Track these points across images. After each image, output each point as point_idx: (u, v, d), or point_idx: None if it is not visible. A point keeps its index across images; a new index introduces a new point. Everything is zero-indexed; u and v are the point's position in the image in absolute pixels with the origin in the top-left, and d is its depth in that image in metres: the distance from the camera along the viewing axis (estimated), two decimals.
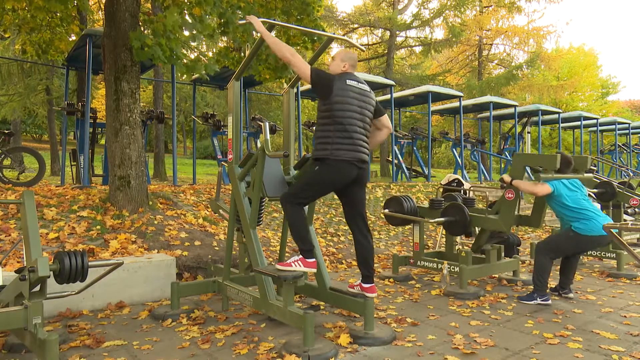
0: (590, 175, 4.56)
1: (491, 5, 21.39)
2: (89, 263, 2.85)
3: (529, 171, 8.63)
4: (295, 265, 3.21)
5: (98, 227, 5.01)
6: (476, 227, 4.96)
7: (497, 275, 5.26)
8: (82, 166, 7.69)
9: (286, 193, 3.37)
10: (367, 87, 3.37)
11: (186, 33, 5.57)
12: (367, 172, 3.40)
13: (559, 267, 4.55)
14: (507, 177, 4.48)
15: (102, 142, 9.04)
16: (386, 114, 3.61)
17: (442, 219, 4.92)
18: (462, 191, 6.10)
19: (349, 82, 3.25)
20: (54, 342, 2.55)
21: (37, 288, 2.80)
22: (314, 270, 3.29)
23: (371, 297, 3.36)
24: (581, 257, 6.27)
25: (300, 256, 3.26)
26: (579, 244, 4.20)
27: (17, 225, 4.83)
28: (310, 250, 3.28)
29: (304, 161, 3.65)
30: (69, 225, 4.95)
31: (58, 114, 15.13)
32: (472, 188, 6.58)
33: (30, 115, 21.40)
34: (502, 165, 15.45)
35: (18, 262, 4.17)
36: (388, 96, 11.96)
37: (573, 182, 4.34)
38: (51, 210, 5.16)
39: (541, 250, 4.30)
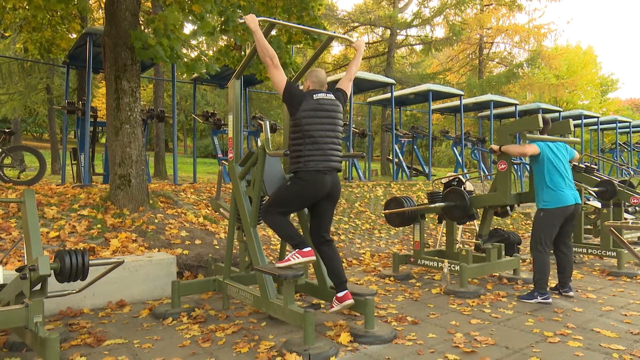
0: (578, 140, 4.62)
1: (492, 4, 21.35)
2: (90, 262, 2.86)
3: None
4: (294, 259, 3.24)
5: (99, 225, 5.02)
6: (478, 210, 4.98)
7: (497, 274, 5.26)
8: (82, 165, 7.70)
9: (264, 208, 3.44)
10: (333, 96, 3.43)
11: (187, 31, 5.57)
12: (339, 185, 3.45)
13: (556, 266, 4.55)
14: (495, 147, 4.62)
15: (103, 140, 9.04)
16: (347, 73, 3.72)
17: (442, 204, 4.94)
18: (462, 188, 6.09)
19: (316, 95, 3.33)
20: (55, 340, 2.55)
21: (38, 287, 2.81)
22: (313, 258, 3.28)
23: (351, 303, 3.30)
24: (582, 256, 6.27)
25: (296, 250, 3.28)
26: (553, 219, 4.24)
27: (18, 224, 4.83)
28: (301, 241, 3.30)
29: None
30: (69, 224, 4.95)
31: (58, 112, 15.15)
32: (468, 180, 6.59)
33: (31, 114, 21.41)
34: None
35: (19, 260, 4.18)
36: (388, 95, 11.95)
37: (557, 145, 4.41)
38: (52, 209, 5.16)
39: (533, 248, 4.35)
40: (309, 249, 3.28)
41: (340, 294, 3.32)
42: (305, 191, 3.29)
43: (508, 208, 5.19)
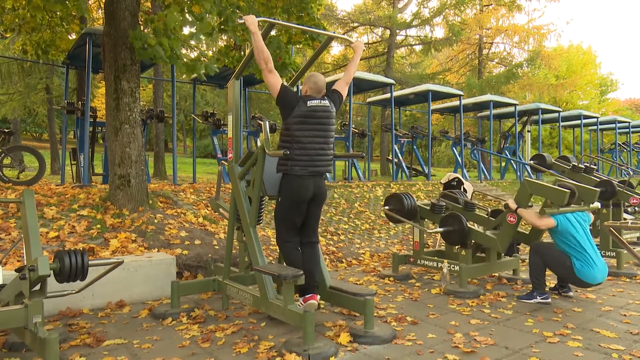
0: (597, 205, 4.51)
1: (491, 4, 21.37)
2: (89, 262, 2.86)
3: (529, 170, 8.58)
4: (300, 306, 3.28)
5: (98, 226, 5.01)
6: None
7: (497, 274, 5.26)
8: (82, 165, 7.69)
9: (277, 242, 3.57)
10: (328, 102, 3.45)
11: (186, 32, 5.57)
12: (325, 189, 3.51)
13: None
14: (512, 204, 4.45)
15: (101, 140, 9.05)
16: (345, 74, 3.74)
17: (440, 229, 4.93)
18: (462, 189, 6.09)
19: (310, 103, 3.35)
20: (54, 340, 2.55)
21: (38, 287, 2.80)
22: (313, 303, 3.28)
23: (314, 304, 3.28)
24: None
25: (301, 297, 3.34)
26: (568, 276, 4.17)
27: (17, 224, 4.83)
28: (304, 289, 3.33)
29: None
30: (69, 224, 4.95)
31: (58, 112, 15.12)
32: (475, 191, 6.56)
33: (30, 114, 21.41)
34: (502, 164, 15.45)
35: (18, 261, 4.18)
36: (388, 95, 11.95)
37: (577, 215, 4.25)
38: (51, 209, 5.16)
39: (536, 252, 4.30)
40: (311, 294, 3.32)
41: (307, 295, 3.33)
42: (293, 197, 3.37)
43: None
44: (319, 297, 3.42)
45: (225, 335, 3.34)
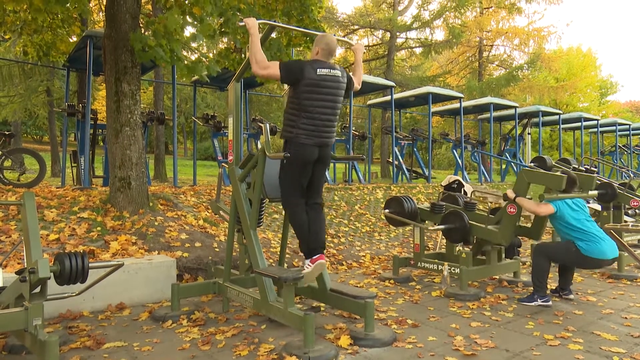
0: (595, 192, 4.52)
1: (491, 7, 21.42)
2: (90, 264, 2.85)
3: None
4: (307, 268, 3.29)
5: (98, 228, 5.01)
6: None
7: (497, 277, 5.25)
8: (82, 167, 7.70)
9: (283, 205, 3.55)
10: (339, 72, 3.41)
11: (187, 34, 5.58)
12: (330, 152, 3.53)
13: (557, 268, 4.54)
14: (510, 193, 4.45)
15: (102, 143, 9.06)
16: (355, 77, 3.72)
17: (441, 227, 4.92)
18: (462, 191, 6.09)
19: (320, 71, 3.30)
20: (54, 343, 2.55)
21: (38, 289, 2.80)
22: (322, 262, 3.29)
23: (323, 263, 3.29)
24: None
25: (307, 259, 3.33)
26: (578, 260, 4.16)
27: (18, 227, 4.83)
28: (308, 251, 3.34)
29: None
30: (69, 227, 4.95)
31: (59, 115, 15.15)
32: (474, 191, 6.57)
33: (31, 117, 21.45)
34: (503, 167, 15.44)
35: (18, 263, 4.18)
36: (388, 97, 11.96)
37: (576, 201, 4.28)
38: (52, 212, 5.16)
39: (539, 253, 4.29)
40: (318, 255, 3.31)
41: (315, 257, 3.30)
42: (297, 161, 3.33)
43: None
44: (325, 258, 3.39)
45: (226, 337, 3.33)
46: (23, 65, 13.25)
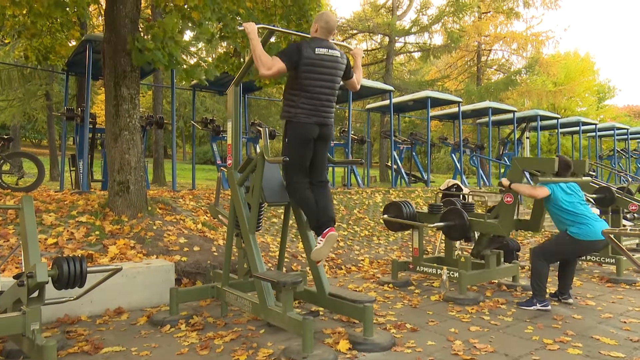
0: (588, 178, 4.58)
1: (490, 12, 21.52)
2: (88, 269, 2.85)
3: (528, 177, 8.63)
4: (319, 244, 3.30)
5: (97, 232, 5.00)
6: (475, 232, 4.96)
7: (496, 281, 5.25)
8: (81, 171, 7.69)
9: (287, 187, 3.57)
10: (338, 53, 3.42)
11: (186, 38, 5.60)
12: (331, 131, 3.54)
13: (557, 272, 4.54)
14: (505, 181, 4.52)
15: (100, 147, 9.05)
16: (355, 77, 3.72)
17: (441, 224, 4.92)
18: (461, 196, 6.10)
19: (318, 50, 3.31)
20: (52, 348, 2.54)
21: (36, 294, 2.79)
22: (334, 233, 3.28)
23: (334, 235, 3.28)
24: (580, 263, 6.27)
25: (319, 235, 3.35)
26: (574, 248, 4.19)
27: (16, 231, 4.82)
28: (318, 226, 3.36)
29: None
30: (67, 231, 4.94)
31: (57, 119, 15.14)
32: (471, 193, 6.59)
33: (30, 121, 21.43)
34: (502, 171, 15.46)
35: (16, 267, 4.16)
36: (387, 101, 11.99)
37: (570, 185, 4.34)
38: (50, 216, 5.15)
39: (536, 255, 4.30)
40: (328, 228, 3.30)
41: (325, 230, 3.29)
42: (298, 139, 3.36)
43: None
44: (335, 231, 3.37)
45: (224, 342, 3.32)
46: (22, 69, 13.25)
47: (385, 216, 5.36)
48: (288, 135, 3.41)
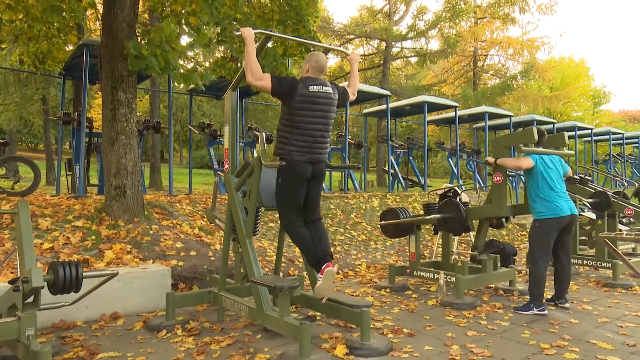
0: (572, 152, 4.65)
1: (486, 17, 21.63)
2: (84, 273, 2.83)
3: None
4: (319, 280, 3.25)
5: (93, 237, 4.98)
6: (473, 222, 5.00)
7: (493, 285, 5.25)
8: (77, 176, 7.66)
9: (281, 224, 3.56)
10: (330, 89, 3.44)
11: (183, 43, 5.61)
12: (324, 168, 3.54)
13: (553, 277, 4.55)
14: (490, 159, 4.63)
15: (95, 151, 9.02)
16: (350, 89, 3.73)
17: (438, 216, 4.95)
18: (458, 199, 6.10)
19: (312, 88, 3.33)
20: (47, 353, 2.52)
21: (31, 299, 2.77)
22: (332, 269, 3.25)
23: (332, 271, 3.22)
24: (577, 267, 6.28)
25: (317, 272, 3.30)
26: (548, 229, 4.26)
27: (11, 236, 4.79)
28: (316, 262, 3.32)
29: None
30: (63, 235, 4.92)
31: (54, 123, 15.11)
32: (464, 191, 6.61)
33: (26, 125, 21.38)
34: None
35: (12, 272, 4.14)
36: (384, 106, 12.02)
37: (552, 158, 4.45)
38: (46, 220, 5.13)
39: (530, 259, 4.36)
40: (326, 263, 3.26)
41: (323, 266, 3.26)
42: (292, 178, 3.35)
43: (503, 220, 5.20)
44: (335, 266, 3.34)
45: (221, 347, 3.31)
46: (19, 73, 13.23)
47: (382, 222, 5.36)
48: (282, 173, 3.39)
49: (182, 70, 5.80)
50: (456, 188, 5.67)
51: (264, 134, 3.79)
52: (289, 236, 3.51)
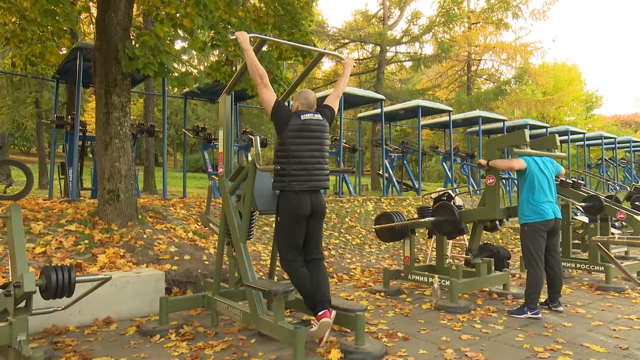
0: (565, 154, 4.68)
1: (479, 22, 21.78)
2: (76, 278, 2.81)
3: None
4: (314, 327, 3.21)
5: (86, 241, 4.95)
6: (467, 225, 5.02)
7: (487, 289, 5.27)
8: (70, 179, 7.62)
9: (281, 263, 3.46)
10: (321, 117, 3.47)
11: (177, 47, 5.61)
12: (324, 204, 3.48)
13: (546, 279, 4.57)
14: (483, 161, 4.66)
15: (90, 155, 8.97)
16: (334, 92, 3.78)
17: (432, 219, 4.96)
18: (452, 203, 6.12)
19: (304, 116, 3.37)
20: (39, 359, 2.50)
21: (23, 304, 2.75)
22: (328, 320, 3.17)
23: (328, 322, 3.17)
24: (570, 271, 6.31)
25: (315, 316, 3.23)
26: (537, 232, 4.29)
27: (3, 240, 4.75)
28: (312, 306, 3.28)
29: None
30: (56, 240, 4.88)
31: (47, 126, 15.02)
32: (458, 194, 6.63)
33: (19, 128, 21.23)
34: None
35: (3, 277, 4.10)
36: (378, 110, 12.05)
37: (544, 160, 4.49)
38: (38, 224, 5.09)
39: (527, 264, 4.37)
40: (323, 311, 3.20)
41: (320, 313, 3.20)
42: (292, 214, 3.31)
43: (497, 222, 5.23)
44: (333, 312, 3.26)
45: (215, 352, 3.29)
46: (11, 76, 13.15)
47: (377, 226, 5.37)
48: (281, 210, 3.36)
49: (176, 74, 5.79)
50: (450, 192, 5.69)
51: (258, 137, 3.79)
52: (287, 276, 3.43)
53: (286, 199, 3.33)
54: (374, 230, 5.94)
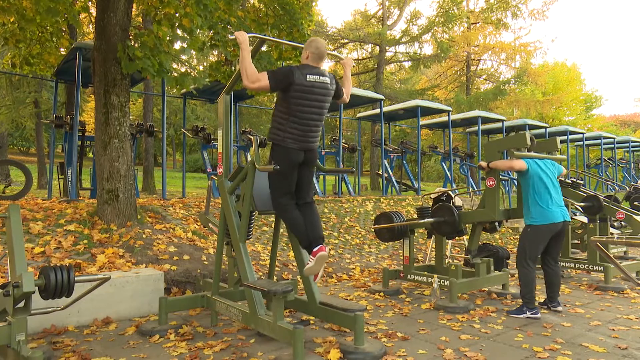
0: (564, 157, 4.68)
1: (478, 22, 21.80)
2: (75, 278, 2.81)
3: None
4: (311, 262, 3.31)
5: (85, 241, 4.94)
6: (467, 225, 5.01)
7: (486, 289, 5.27)
8: (69, 179, 7.62)
9: (273, 205, 3.57)
10: (328, 79, 3.46)
11: (177, 47, 5.61)
12: (316, 155, 3.56)
13: (544, 280, 4.58)
14: (483, 163, 4.64)
15: (90, 155, 8.97)
16: (344, 91, 3.77)
17: (431, 220, 4.96)
18: (451, 203, 6.12)
19: (309, 77, 3.34)
20: (38, 359, 2.49)
21: (22, 304, 2.75)
22: (324, 253, 3.28)
23: (324, 255, 3.29)
24: (569, 271, 6.32)
25: (309, 253, 3.35)
26: (538, 235, 4.29)
27: (2, 240, 4.75)
28: (308, 245, 3.37)
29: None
30: (55, 240, 4.88)
31: (46, 126, 15.01)
32: (457, 195, 6.64)
33: (18, 128, 21.22)
34: None
35: (2, 277, 4.10)
36: (378, 110, 12.06)
37: (546, 162, 4.48)
38: (37, 224, 5.09)
39: (518, 263, 4.38)
40: (318, 246, 3.31)
41: (315, 249, 3.31)
42: (284, 164, 3.36)
43: (496, 224, 5.23)
44: (327, 248, 3.35)
45: (214, 352, 3.29)
46: (10, 76, 13.14)
47: (376, 226, 5.37)
48: (274, 159, 3.42)
49: (175, 74, 5.79)
50: (449, 192, 5.69)
51: (257, 137, 3.78)
52: (282, 219, 3.54)
53: (279, 151, 3.38)
54: (373, 230, 5.94)
